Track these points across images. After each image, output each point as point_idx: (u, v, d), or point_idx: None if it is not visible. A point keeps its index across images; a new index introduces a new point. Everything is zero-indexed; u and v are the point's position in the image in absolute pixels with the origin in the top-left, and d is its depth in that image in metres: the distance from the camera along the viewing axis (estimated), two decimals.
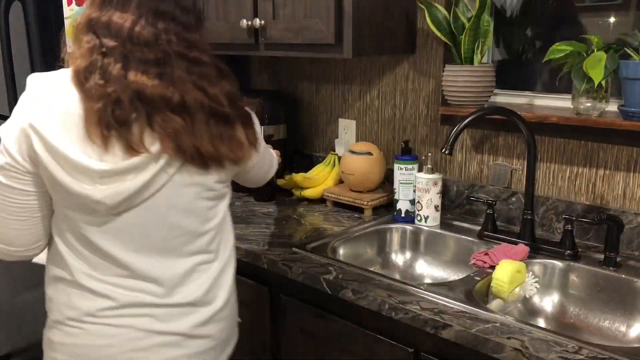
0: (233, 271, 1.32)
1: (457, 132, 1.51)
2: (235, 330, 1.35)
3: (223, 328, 1.28)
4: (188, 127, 1.13)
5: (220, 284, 1.27)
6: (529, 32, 1.91)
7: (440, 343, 1.26)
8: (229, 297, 1.29)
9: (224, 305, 1.27)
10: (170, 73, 1.13)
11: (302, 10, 1.75)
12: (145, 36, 1.13)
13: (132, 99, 1.10)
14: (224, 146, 1.18)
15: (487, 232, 1.69)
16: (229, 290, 1.29)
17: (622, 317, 1.42)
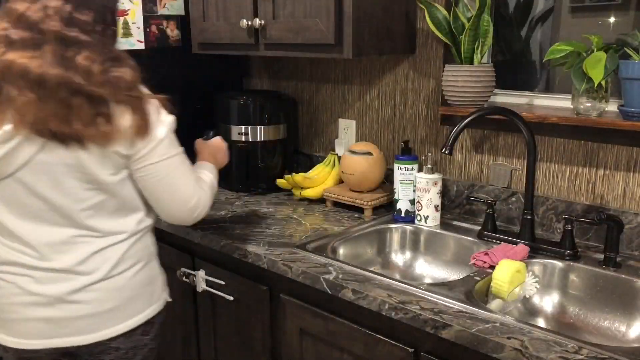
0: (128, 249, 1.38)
1: (457, 132, 1.51)
2: (135, 307, 1.40)
3: (103, 299, 1.35)
4: (39, 103, 1.20)
5: (104, 257, 1.35)
6: (529, 32, 1.91)
7: (440, 343, 1.26)
8: (113, 270, 1.36)
9: (103, 277, 1.34)
10: (45, 52, 1.21)
11: (302, 10, 1.75)
12: (31, 18, 1.23)
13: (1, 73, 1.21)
14: (82, 124, 1.22)
15: (487, 232, 1.69)
16: (113, 264, 1.35)
17: (622, 317, 1.42)
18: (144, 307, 1.43)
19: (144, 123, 1.29)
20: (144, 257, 1.43)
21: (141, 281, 1.42)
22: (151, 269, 1.46)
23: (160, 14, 2.13)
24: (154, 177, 1.35)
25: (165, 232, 1.88)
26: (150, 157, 1.33)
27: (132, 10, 2.05)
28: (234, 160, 2.17)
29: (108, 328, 1.37)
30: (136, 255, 1.41)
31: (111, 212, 1.36)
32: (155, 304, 1.46)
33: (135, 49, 2.07)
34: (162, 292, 1.50)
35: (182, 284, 1.86)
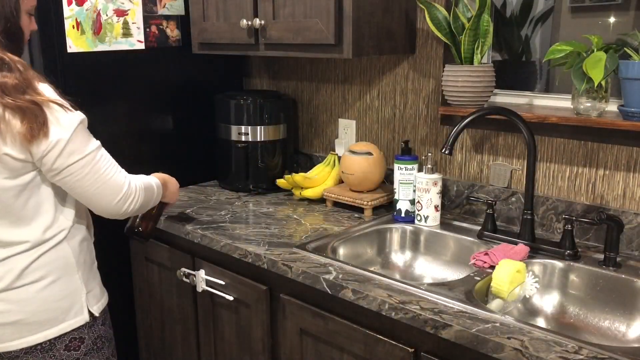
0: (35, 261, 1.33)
1: (457, 132, 1.51)
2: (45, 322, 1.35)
3: (7, 310, 1.32)
4: None
5: (7, 268, 1.31)
6: (528, 32, 1.91)
7: (440, 343, 1.26)
8: (17, 282, 1.32)
9: (5, 287, 1.31)
10: None
11: (302, 10, 1.75)
12: None
13: None
14: None
15: (487, 232, 1.69)
16: (16, 275, 1.32)
17: (622, 317, 1.42)
18: (55, 322, 1.36)
19: (34, 128, 1.24)
20: (56, 271, 1.36)
21: (52, 295, 1.36)
22: (68, 283, 1.38)
23: (160, 14, 2.13)
24: (74, 178, 1.31)
25: (165, 232, 1.88)
26: (61, 161, 1.28)
27: (132, 10, 2.05)
28: (234, 160, 2.17)
29: (14, 340, 1.34)
30: (45, 268, 1.35)
31: (12, 221, 1.32)
32: (73, 319, 1.39)
33: (135, 49, 2.07)
34: (84, 307, 1.41)
35: (182, 284, 1.87)
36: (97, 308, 1.44)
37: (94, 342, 1.43)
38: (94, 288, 1.46)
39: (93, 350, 1.43)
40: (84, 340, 1.41)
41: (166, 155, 2.24)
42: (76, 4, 1.91)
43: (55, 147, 1.27)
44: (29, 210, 1.33)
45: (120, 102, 2.08)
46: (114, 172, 1.36)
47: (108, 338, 1.49)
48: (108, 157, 1.37)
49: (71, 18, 1.91)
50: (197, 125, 2.30)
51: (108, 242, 1.67)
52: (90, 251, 1.48)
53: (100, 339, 1.45)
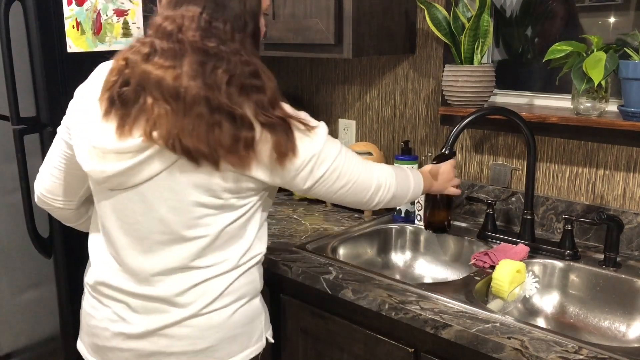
0: (232, 283, 1.24)
1: (457, 132, 1.51)
2: (231, 349, 1.26)
3: (197, 336, 1.23)
4: (174, 116, 1.10)
5: (204, 290, 1.22)
6: (529, 32, 1.91)
7: (440, 343, 1.26)
8: (211, 306, 1.22)
9: (198, 311, 1.21)
10: (184, 64, 1.11)
11: (302, 10, 1.75)
12: (167, 29, 1.14)
13: (139, 82, 1.12)
14: (221, 145, 1.11)
15: (487, 232, 1.69)
16: (213, 298, 1.22)
17: (622, 317, 1.42)
18: (241, 348, 1.28)
19: (286, 150, 1.16)
20: (248, 293, 1.28)
21: (240, 320, 1.27)
22: (253, 307, 1.29)
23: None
24: (325, 186, 1.25)
25: None
26: (312, 175, 1.22)
27: (132, 10, 2.05)
28: None
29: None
30: (239, 291, 1.26)
31: (219, 243, 1.23)
32: (254, 345, 1.30)
33: None
34: (264, 332, 1.33)
35: None
36: (269, 333, 1.36)
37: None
38: (267, 312, 1.37)
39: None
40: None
41: None
42: (76, 4, 1.91)
43: (308, 164, 1.20)
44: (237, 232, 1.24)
45: None
46: (361, 169, 1.29)
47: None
48: (350, 154, 1.29)
49: (71, 18, 1.91)
50: None
51: None
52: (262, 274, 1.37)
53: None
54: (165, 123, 1.10)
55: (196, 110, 1.10)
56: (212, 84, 1.11)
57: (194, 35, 1.13)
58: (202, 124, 1.10)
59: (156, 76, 1.11)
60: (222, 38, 1.15)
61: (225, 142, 1.11)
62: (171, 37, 1.13)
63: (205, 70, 1.11)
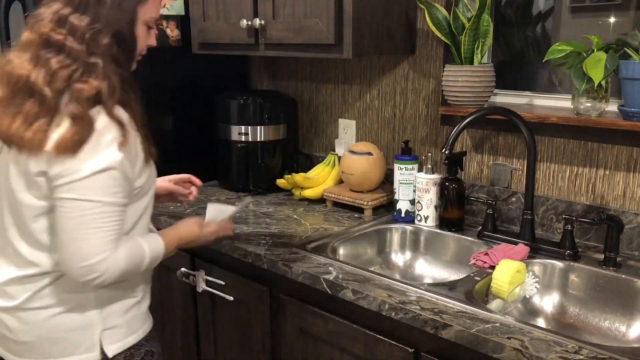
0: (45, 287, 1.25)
1: (457, 132, 1.51)
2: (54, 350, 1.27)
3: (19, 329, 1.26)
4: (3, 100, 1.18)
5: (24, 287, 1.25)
6: (529, 32, 1.91)
7: (440, 343, 1.26)
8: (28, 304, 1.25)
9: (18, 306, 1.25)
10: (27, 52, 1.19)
11: (302, 10, 1.75)
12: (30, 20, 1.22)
13: None
14: (23, 125, 1.14)
15: (487, 232, 1.69)
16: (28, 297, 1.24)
17: (622, 317, 1.42)
18: (63, 353, 1.27)
19: (71, 140, 1.12)
20: (68, 302, 1.26)
21: (60, 325, 1.27)
22: (80, 316, 1.27)
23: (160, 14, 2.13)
24: (62, 212, 1.16)
25: None
26: (67, 189, 1.14)
27: None
28: (234, 160, 2.17)
29: (24, 359, 1.29)
30: (56, 297, 1.25)
31: (32, 241, 1.24)
32: (82, 355, 1.28)
33: None
34: (97, 344, 1.28)
35: (182, 284, 1.86)
36: (114, 348, 1.29)
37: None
38: (117, 326, 1.30)
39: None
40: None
41: (166, 155, 2.23)
42: None
43: (75, 174, 1.13)
44: (48, 236, 1.22)
45: None
46: (97, 237, 1.17)
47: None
48: (110, 219, 1.18)
49: None
50: (197, 125, 2.30)
51: None
52: (125, 287, 1.31)
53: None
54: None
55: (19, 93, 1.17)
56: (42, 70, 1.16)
57: (46, 26, 1.19)
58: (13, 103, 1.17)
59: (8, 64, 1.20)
60: (73, 31, 1.18)
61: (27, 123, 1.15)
62: (33, 28, 1.21)
63: (41, 58, 1.17)
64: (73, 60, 1.17)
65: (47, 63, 1.16)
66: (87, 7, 1.19)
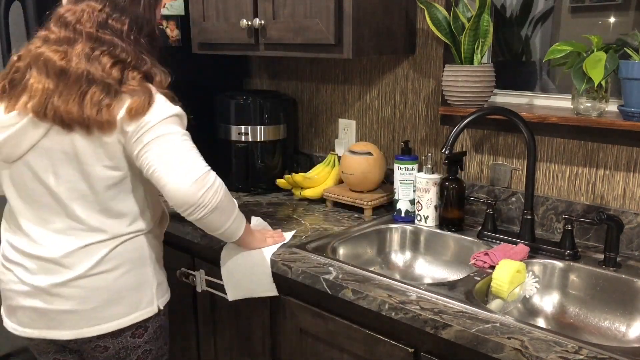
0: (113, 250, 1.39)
1: (457, 132, 1.51)
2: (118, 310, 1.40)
3: (84, 297, 1.37)
4: (56, 90, 1.28)
5: (88, 254, 1.37)
6: (529, 32, 1.91)
7: (440, 343, 1.26)
8: (95, 269, 1.37)
9: (83, 273, 1.36)
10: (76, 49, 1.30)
11: (302, 10, 1.75)
12: (67, 19, 1.33)
13: (29, 64, 1.32)
14: (92, 109, 1.27)
15: (487, 232, 1.69)
16: (96, 262, 1.37)
17: (622, 317, 1.42)
18: (129, 311, 1.42)
19: (139, 105, 1.29)
20: (131, 261, 1.42)
21: (125, 285, 1.41)
22: (140, 274, 1.45)
23: (161, 13, 2.13)
24: (156, 152, 1.30)
25: (165, 232, 1.88)
26: (150, 134, 1.30)
27: None
28: (234, 160, 2.17)
29: (89, 327, 1.39)
30: (121, 258, 1.40)
31: (100, 210, 1.38)
32: (144, 310, 1.45)
33: None
34: (154, 299, 1.47)
35: (182, 284, 1.86)
36: (162, 301, 1.50)
37: (155, 332, 1.50)
38: (162, 282, 1.52)
39: (153, 339, 1.50)
40: (147, 329, 1.47)
41: None
42: None
43: (150, 122, 1.30)
44: (118, 203, 1.39)
45: None
46: (196, 155, 1.34)
47: (165, 328, 1.55)
48: (193, 145, 1.36)
49: None
50: (197, 125, 2.29)
51: None
52: (160, 249, 1.55)
53: (160, 328, 1.52)
54: (40, 95, 1.28)
55: (77, 86, 1.28)
56: (95, 65, 1.29)
57: (91, 26, 1.32)
58: (74, 92, 1.28)
59: (46, 57, 1.30)
60: (117, 33, 1.35)
61: (96, 107, 1.28)
62: (69, 26, 1.33)
63: (92, 55, 1.30)
64: (126, 55, 1.33)
65: (99, 59, 1.30)
66: (125, 11, 1.36)
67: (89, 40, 1.31)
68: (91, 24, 1.32)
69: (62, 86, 1.28)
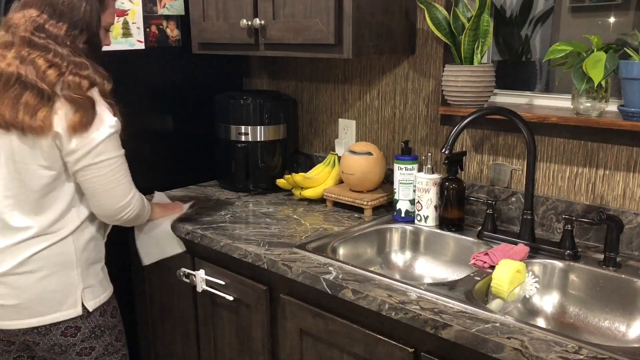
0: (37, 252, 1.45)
1: (457, 132, 1.51)
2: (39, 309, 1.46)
3: (7, 294, 1.45)
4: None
5: (13, 254, 1.44)
6: (529, 32, 1.91)
7: (440, 343, 1.26)
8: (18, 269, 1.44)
9: (7, 272, 1.44)
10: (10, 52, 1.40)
11: (302, 10, 1.75)
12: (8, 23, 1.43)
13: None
14: (26, 114, 1.36)
15: (487, 232, 1.69)
16: (18, 262, 1.44)
17: (622, 317, 1.42)
18: (50, 311, 1.48)
19: (83, 121, 1.38)
20: (55, 265, 1.48)
21: (47, 287, 1.47)
22: (64, 277, 1.49)
23: (160, 14, 2.13)
24: (94, 175, 1.43)
25: None
26: (91, 156, 1.41)
27: (132, 10, 2.05)
28: (234, 160, 2.17)
29: (12, 321, 1.47)
30: (44, 261, 1.46)
31: (29, 209, 1.45)
32: (66, 311, 1.50)
33: (135, 49, 2.07)
34: (79, 301, 1.51)
35: (182, 284, 1.87)
36: (92, 303, 1.54)
37: (92, 331, 1.54)
38: (93, 285, 1.55)
39: (91, 338, 1.54)
40: (80, 329, 1.52)
41: (166, 155, 2.24)
42: None
43: (91, 143, 1.41)
44: (46, 201, 1.45)
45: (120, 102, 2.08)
46: (126, 181, 1.50)
47: (109, 326, 1.59)
48: (126, 166, 1.51)
49: None
50: (197, 125, 2.30)
51: (107, 243, 1.66)
52: (97, 251, 1.58)
53: (98, 327, 1.56)
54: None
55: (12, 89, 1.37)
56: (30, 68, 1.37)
57: (25, 30, 1.41)
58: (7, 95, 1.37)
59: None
60: (54, 37, 1.42)
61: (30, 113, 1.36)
62: (8, 30, 1.43)
63: (26, 58, 1.38)
64: (61, 59, 1.40)
65: (33, 62, 1.38)
66: (62, 15, 1.43)
67: (22, 43, 1.40)
68: (25, 28, 1.41)
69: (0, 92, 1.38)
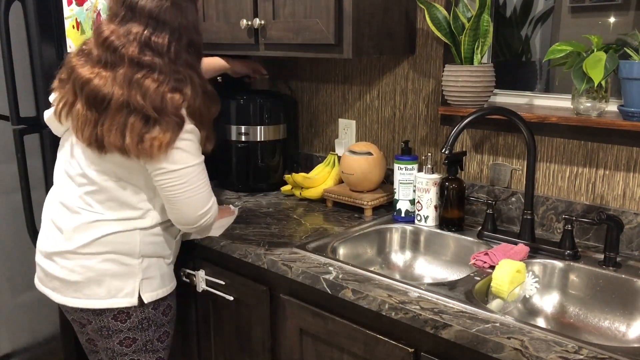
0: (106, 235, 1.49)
1: (457, 132, 1.51)
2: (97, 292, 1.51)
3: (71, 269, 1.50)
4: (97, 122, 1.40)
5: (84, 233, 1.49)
6: (529, 32, 1.91)
7: (440, 343, 1.26)
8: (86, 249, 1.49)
9: (75, 249, 1.49)
10: (118, 74, 1.39)
11: (302, 10, 1.75)
12: (114, 43, 1.40)
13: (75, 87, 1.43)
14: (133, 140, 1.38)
15: (487, 232, 1.69)
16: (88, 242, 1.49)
17: (622, 317, 1.43)
18: (106, 295, 1.51)
19: (170, 141, 1.40)
20: (119, 251, 1.51)
21: (107, 271, 1.51)
22: (125, 266, 1.52)
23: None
24: (172, 183, 1.46)
25: None
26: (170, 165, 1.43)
27: None
28: (234, 160, 2.17)
29: (71, 298, 1.52)
30: (110, 245, 1.50)
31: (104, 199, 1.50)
32: (121, 299, 1.53)
33: None
34: (136, 291, 1.54)
35: (182, 284, 1.86)
36: (149, 296, 1.56)
37: (140, 322, 1.56)
38: (153, 277, 1.57)
39: (137, 329, 1.56)
40: (130, 317, 1.55)
41: None
42: (76, 4, 1.91)
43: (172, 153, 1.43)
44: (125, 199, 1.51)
45: None
46: (205, 190, 1.51)
47: (157, 323, 1.60)
48: (205, 174, 1.52)
49: (71, 18, 1.91)
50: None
51: None
52: (164, 247, 1.60)
53: (146, 320, 1.57)
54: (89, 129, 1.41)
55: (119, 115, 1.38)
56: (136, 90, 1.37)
57: (133, 50, 1.39)
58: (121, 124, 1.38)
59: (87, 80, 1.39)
60: (158, 52, 1.41)
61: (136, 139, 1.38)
62: (113, 50, 1.40)
63: (134, 79, 1.38)
64: (165, 76, 1.40)
65: (139, 84, 1.38)
66: (165, 25, 1.42)
67: (131, 64, 1.39)
68: (133, 49, 1.39)
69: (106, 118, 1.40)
